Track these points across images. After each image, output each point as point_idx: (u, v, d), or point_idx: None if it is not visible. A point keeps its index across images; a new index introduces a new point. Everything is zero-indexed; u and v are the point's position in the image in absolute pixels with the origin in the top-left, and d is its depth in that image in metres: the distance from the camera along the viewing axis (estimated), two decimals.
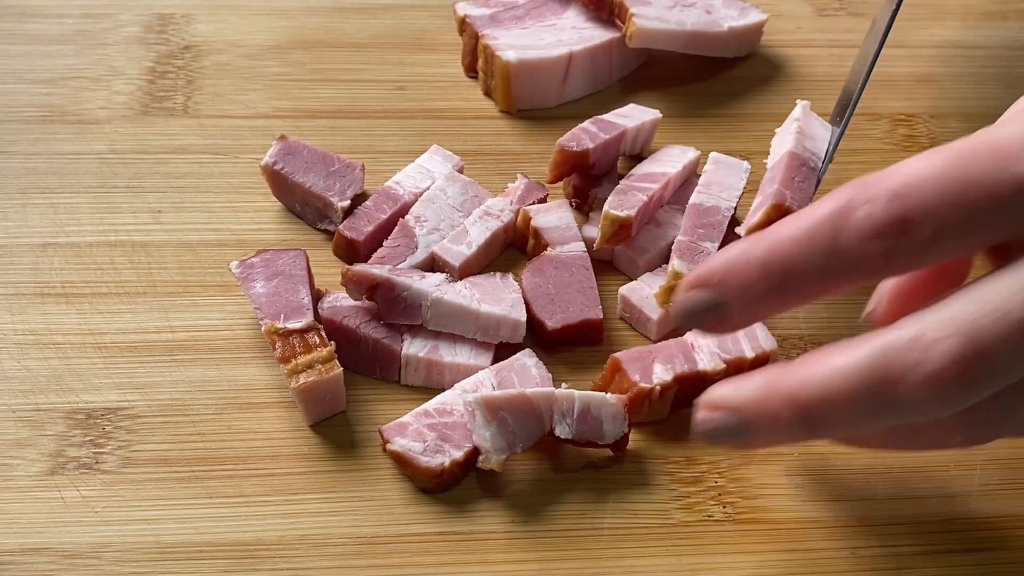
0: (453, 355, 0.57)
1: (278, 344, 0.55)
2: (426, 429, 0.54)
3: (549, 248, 0.62)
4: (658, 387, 0.55)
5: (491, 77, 0.72)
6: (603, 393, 0.54)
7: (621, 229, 0.60)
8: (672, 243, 0.61)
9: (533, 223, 0.62)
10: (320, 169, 0.64)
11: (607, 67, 0.74)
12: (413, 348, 0.57)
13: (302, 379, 0.54)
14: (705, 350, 0.57)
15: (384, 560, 0.51)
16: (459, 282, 0.59)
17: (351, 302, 0.58)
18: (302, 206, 0.65)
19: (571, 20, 0.74)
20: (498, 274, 0.60)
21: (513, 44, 0.71)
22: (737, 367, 0.56)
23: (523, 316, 0.58)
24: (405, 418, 0.55)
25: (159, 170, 0.67)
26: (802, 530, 0.54)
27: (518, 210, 0.63)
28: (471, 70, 0.74)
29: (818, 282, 0.44)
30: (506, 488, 0.54)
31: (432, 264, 0.61)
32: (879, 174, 0.43)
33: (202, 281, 0.61)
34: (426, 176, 0.65)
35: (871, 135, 0.73)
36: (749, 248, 0.46)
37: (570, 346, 0.60)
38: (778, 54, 0.78)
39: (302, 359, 0.54)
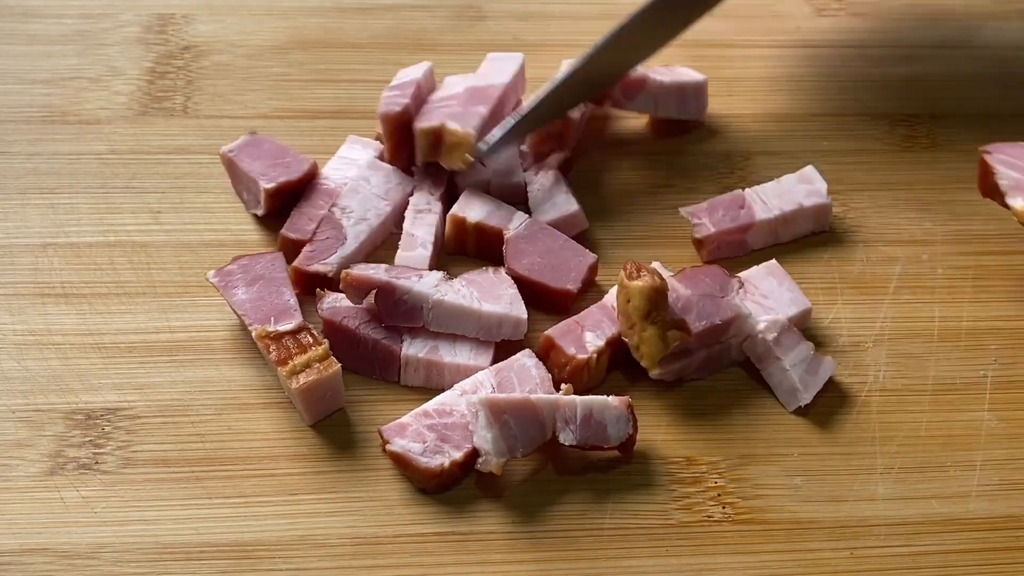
0: (453, 355, 0.57)
1: (272, 348, 0.55)
2: (426, 430, 0.54)
3: (505, 232, 0.62)
4: (594, 355, 0.56)
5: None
6: (605, 397, 0.54)
7: (461, 147, 0.62)
8: None
9: (470, 221, 0.62)
10: (268, 160, 0.64)
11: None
12: (413, 349, 0.57)
13: (302, 379, 0.54)
14: None
15: (383, 560, 0.51)
16: (456, 280, 0.59)
17: (350, 303, 0.58)
18: (247, 193, 0.65)
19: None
20: (490, 269, 0.60)
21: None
22: None
23: (524, 313, 0.58)
24: (405, 419, 0.55)
25: (159, 170, 0.67)
26: (801, 530, 0.54)
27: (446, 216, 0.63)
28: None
29: None
30: (506, 489, 0.54)
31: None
32: None
33: (201, 282, 0.61)
34: (351, 165, 0.66)
35: (871, 135, 0.73)
36: None
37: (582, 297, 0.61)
38: (778, 54, 0.78)
39: (299, 359, 0.54)
